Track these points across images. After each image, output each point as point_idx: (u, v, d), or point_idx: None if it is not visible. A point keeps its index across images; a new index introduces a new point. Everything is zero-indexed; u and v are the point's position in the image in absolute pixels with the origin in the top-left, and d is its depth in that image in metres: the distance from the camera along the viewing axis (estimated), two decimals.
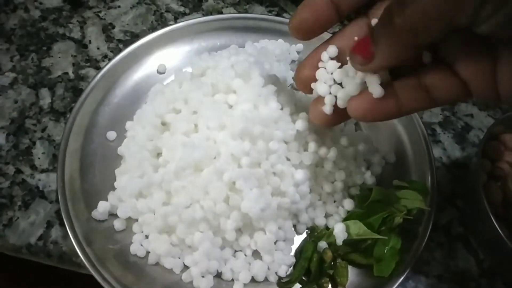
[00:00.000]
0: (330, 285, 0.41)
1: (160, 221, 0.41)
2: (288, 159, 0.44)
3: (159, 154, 0.45)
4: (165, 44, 0.55)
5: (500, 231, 0.39)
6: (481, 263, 0.46)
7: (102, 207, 0.42)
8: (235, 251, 0.43)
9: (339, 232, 0.43)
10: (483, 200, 0.40)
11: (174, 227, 0.41)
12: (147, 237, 0.42)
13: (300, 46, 0.57)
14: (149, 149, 0.45)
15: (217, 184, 0.40)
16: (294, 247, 0.44)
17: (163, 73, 0.54)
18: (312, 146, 0.44)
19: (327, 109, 0.35)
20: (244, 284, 0.41)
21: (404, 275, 0.40)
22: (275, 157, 0.43)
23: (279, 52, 0.55)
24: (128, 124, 0.48)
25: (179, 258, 0.42)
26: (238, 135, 0.41)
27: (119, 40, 0.60)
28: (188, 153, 0.41)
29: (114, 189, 0.44)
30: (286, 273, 0.42)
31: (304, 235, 0.45)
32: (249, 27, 0.57)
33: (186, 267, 0.41)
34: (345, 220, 0.44)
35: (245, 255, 0.43)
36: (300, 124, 0.43)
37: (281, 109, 0.44)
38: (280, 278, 0.42)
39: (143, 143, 0.45)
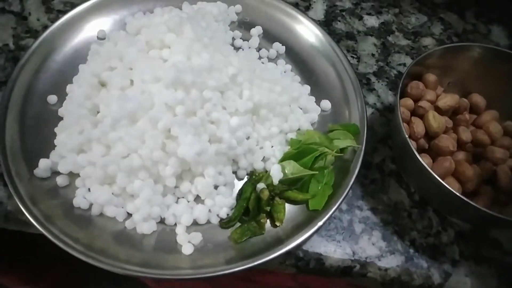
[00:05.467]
0: (268, 221, 0.44)
1: (100, 172, 0.42)
2: (225, 108, 0.46)
3: (98, 113, 0.46)
4: (103, 10, 0.55)
5: (422, 161, 0.42)
6: (412, 195, 0.49)
7: (43, 164, 0.43)
8: (178, 198, 0.45)
9: (275, 172, 0.45)
10: (404, 134, 0.43)
11: (114, 177, 0.42)
12: (89, 190, 0.43)
13: (238, 7, 0.59)
14: (87, 108, 0.46)
15: (152, 133, 0.42)
16: (236, 191, 0.46)
17: (103, 38, 0.54)
18: (246, 94, 0.46)
19: None
20: (187, 227, 0.43)
21: (336, 207, 0.43)
22: (210, 105, 0.44)
23: (216, 12, 0.56)
24: (68, 87, 0.49)
25: (122, 207, 0.43)
26: (170, 84, 0.43)
27: (59, 11, 0.60)
28: (121, 105, 0.42)
29: (55, 148, 0.45)
30: (227, 214, 0.44)
31: (245, 180, 0.47)
32: None
33: (130, 216, 0.43)
34: (280, 161, 0.46)
35: (188, 201, 0.44)
36: (232, 70, 0.45)
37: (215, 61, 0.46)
38: (221, 219, 0.44)
39: (80, 101, 0.46)
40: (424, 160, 0.43)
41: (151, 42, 0.47)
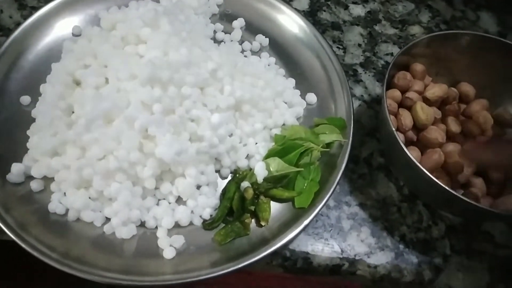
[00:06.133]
0: (253, 221, 0.42)
1: (75, 176, 0.40)
2: (205, 105, 0.44)
3: (73, 113, 0.44)
4: (77, 5, 0.53)
5: (409, 154, 0.40)
6: (401, 189, 0.48)
7: (16, 169, 0.41)
8: (159, 200, 0.43)
9: (259, 169, 0.43)
10: (391, 127, 0.41)
11: (90, 181, 0.40)
12: (66, 195, 0.42)
13: None
14: (61, 108, 0.44)
15: (129, 133, 0.40)
16: (220, 191, 0.45)
17: (79, 35, 0.52)
18: (227, 89, 0.45)
19: None
20: (169, 230, 0.41)
21: (323, 204, 0.41)
22: (189, 102, 0.43)
23: (196, 4, 0.54)
24: (42, 87, 0.47)
25: (100, 212, 0.41)
26: (146, 81, 0.41)
27: (33, 7, 0.58)
28: (96, 105, 0.40)
29: (28, 152, 0.43)
30: (211, 215, 0.43)
31: (229, 179, 0.45)
32: None
33: (108, 220, 0.41)
34: (265, 158, 0.45)
35: (169, 203, 0.43)
36: (212, 65, 0.43)
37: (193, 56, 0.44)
38: (204, 220, 0.42)
39: (54, 102, 0.43)
40: (412, 153, 0.42)
41: (127, 37, 0.45)
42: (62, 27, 0.52)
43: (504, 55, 0.48)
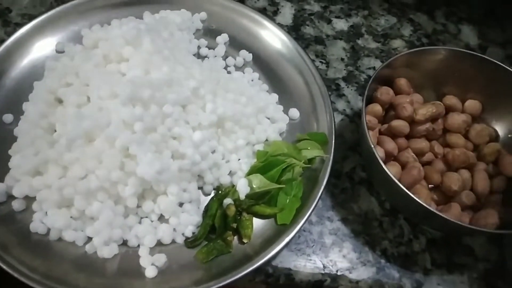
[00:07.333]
0: (235, 238, 0.43)
1: (56, 195, 0.40)
2: (188, 122, 0.45)
3: (55, 132, 0.44)
4: (60, 23, 0.53)
5: (388, 172, 0.41)
6: (382, 203, 0.48)
7: None
8: (141, 218, 0.43)
9: (241, 186, 0.44)
10: (370, 143, 0.42)
11: (72, 200, 0.40)
12: (47, 214, 0.41)
13: (203, 14, 0.57)
14: (43, 127, 0.44)
15: (110, 152, 0.40)
16: (203, 207, 0.45)
17: (62, 51, 0.52)
18: (209, 107, 0.45)
19: None
20: (151, 248, 0.42)
21: (304, 220, 0.42)
22: (171, 120, 0.43)
23: (180, 21, 0.55)
24: (25, 105, 0.47)
25: (82, 231, 0.41)
26: (127, 100, 0.41)
27: (17, 24, 0.58)
28: (77, 124, 0.40)
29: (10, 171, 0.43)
30: (193, 233, 0.43)
31: (212, 196, 0.46)
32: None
33: (90, 239, 0.41)
34: (247, 175, 0.45)
35: (151, 221, 0.43)
36: (193, 83, 0.43)
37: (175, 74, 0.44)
38: (187, 238, 0.43)
39: (35, 121, 0.44)
40: (391, 169, 0.43)
41: (109, 56, 0.45)
42: (45, 45, 0.52)
43: (482, 70, 0.49)
